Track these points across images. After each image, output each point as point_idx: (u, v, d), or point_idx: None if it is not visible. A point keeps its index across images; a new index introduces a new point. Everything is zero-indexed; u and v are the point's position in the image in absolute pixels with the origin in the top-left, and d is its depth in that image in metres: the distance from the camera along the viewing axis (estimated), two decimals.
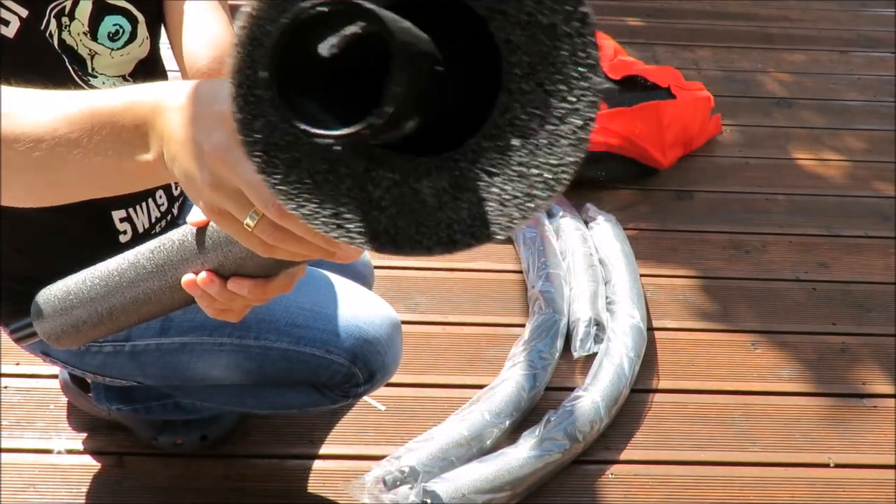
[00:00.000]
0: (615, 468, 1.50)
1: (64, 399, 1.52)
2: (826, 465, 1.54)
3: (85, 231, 1.12)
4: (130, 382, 1.27)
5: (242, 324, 1.18)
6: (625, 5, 3.40)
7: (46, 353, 1.22)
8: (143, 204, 1.20)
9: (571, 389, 1.57)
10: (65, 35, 1.03)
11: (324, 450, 1.47)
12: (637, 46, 2.96)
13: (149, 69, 1.20)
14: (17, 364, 1.59)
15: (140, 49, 1.15)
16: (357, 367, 1.21)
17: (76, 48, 1.04)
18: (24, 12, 0.96)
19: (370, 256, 1.67)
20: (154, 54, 1.19)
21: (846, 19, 3.48)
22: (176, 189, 1.24)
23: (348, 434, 1.45)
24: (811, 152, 2.53)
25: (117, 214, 1.17)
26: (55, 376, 1.56)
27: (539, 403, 1.59)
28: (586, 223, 2.05)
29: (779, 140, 2.58)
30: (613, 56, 2.71)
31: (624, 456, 1.52)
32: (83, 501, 1.38)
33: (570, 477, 1.47)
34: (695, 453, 1.55)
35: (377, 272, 1.83)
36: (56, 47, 1.02)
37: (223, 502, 1.39)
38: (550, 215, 2.06)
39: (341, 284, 1.27)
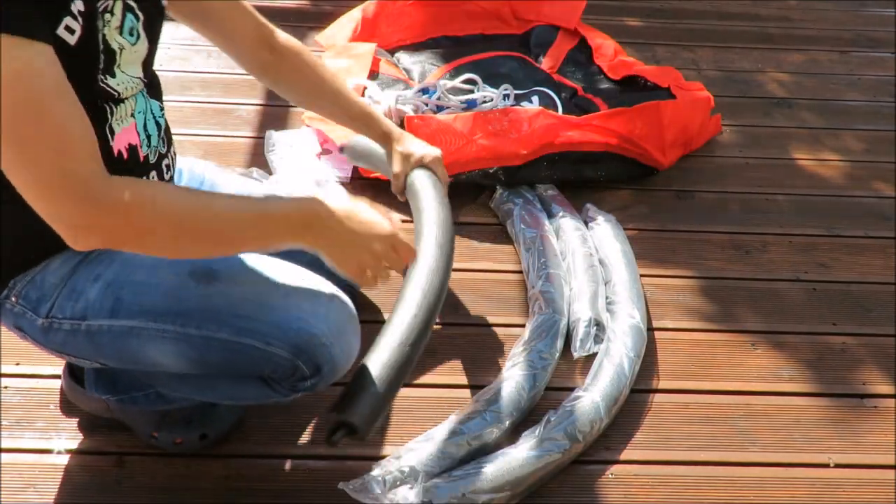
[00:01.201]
0: (615, 468, 1.50)
1: (64, 399, 1.52)
2: (826, 466, 1.54)
3: None
4: (93, 364, 1.28)
5: (186, 313, 1.20)
6: (625, 5, 3.40)
7: (19, 327, 1.26)
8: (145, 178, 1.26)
9: (571, 389, 1.57)
10: (105, 30, 1.11)
11: (323, 450, 1.47)
12: (637, 46, 2.96)
13: (148, 71, 1.25)
14: (17, 364, 1.59)
15: (142, 48, 1.20)
16: (301, 360, 1.19)
17: (110, 43, 1.12)
18: (81, 18, 1.04)
19: None
20: (150, 57, 1.24)
21: (846, 19, 3.49)
22: (167, 172, 1.31)
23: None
24: (811, 152, 2.53)
25: None
26: (55, 376, 1.56)
27: (539, 403, 1.59)
28: (586, 223, 2.05)
29: (779, 140, 2.58)
30: (613, 56, 2.71)
31: (624, 456, 1.52)
32: (83, 501, 1.38)
33: (570, 477, 1.47)
34: (695, 453, 1.55)
35: None
36: (99, 50, 1.10)
37: (223, 502, 1.39)
38: (551, 215, 2.06)
39: (295, 276, 1.25)
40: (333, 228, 1.16)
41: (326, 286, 1.26)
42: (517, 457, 1.40)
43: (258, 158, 2.27)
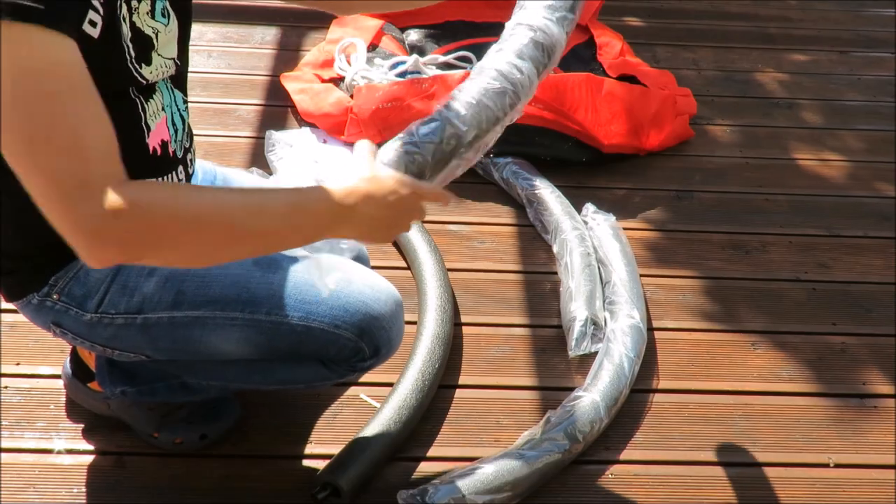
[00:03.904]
0: (615, 468, 1.50)
1: (64, 399, 1.52)
2: (826, 466, 1.54)
3: None
4: (139, 357, 1.28)
5: (254, 300, 1.23)
6: (625, 5, 3.40)
7: (57, 324, 1.24)
8: (169, 176, 1.25)
9: (571, 389, 1.57)
10: (135, 17, 1.08)
11: (324, 450, 1.47)
12: (637, 46, 2.96)
13: (184, 53, 1.25)
14: (18, 364, 1.59)
15: (174, 26, 1.19)
16: (364, 342, 1.25)
17: (143, 29, 1.09)
18: (102, 9, 0.98)
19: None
20: (184, 34, 1.23)
21: (846, 19, 3.48)
22: (190, 166, 1.31)
23: (348, 434, 1.45)
24: (811, 152, 2.53)
25: None
26: (56, 376, 1.56)
27: (539, 404, 1.59)
28: (585, 223, 2.04)
29: (779, 140, 2.58)
30: (618, 55, 2.71)
31: (624, 456, 1.52)
32: (83, 501, 1.38)
33: (570, 477, 1.47)
34: (695, 453, 1.55)
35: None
36: (123, 39, 1.05)
37: (223, 502, 1.39)
38: (546, 210, 2.06)
39: (346, 264, 1.32)
40: (361, 216, 1.06)
41: (375, 274, 1.33)
42: (518, 458, 1.40)
43: (258, 158, 2.27)
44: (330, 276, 1.28)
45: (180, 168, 1.28)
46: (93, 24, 0.96)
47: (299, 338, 1.24)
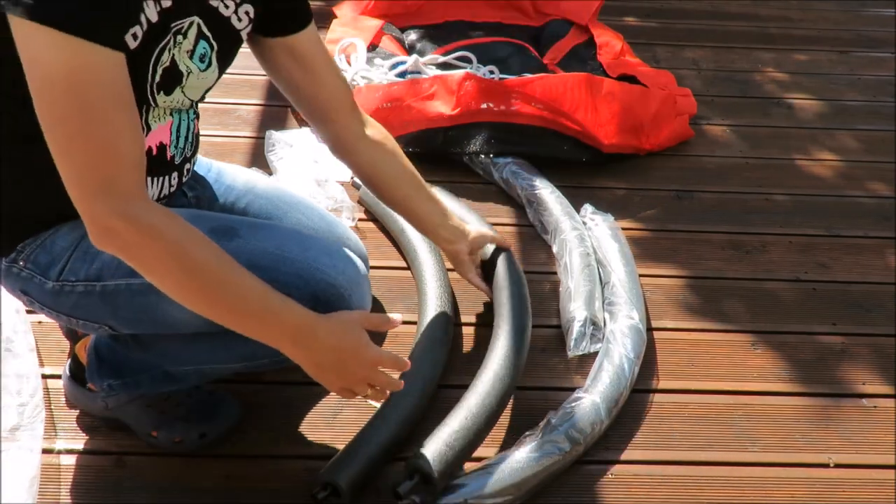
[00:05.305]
0: (616, 468, 1.50)
1: (63, 399, 1.52)
2: (826, 466, 1.54)
3: None
4: (102, 328, 1.29)
5: None
6: (625, 5, 3.40)
7: (25, 292, 1.27)
8: (161, 178, 1.29)
9: (572, 390, 1.57)
10: (175, 51, 1.17)
11: (323, 450, 1.47)
12: (637, 46, 2.96)
13: (203, 97, 1.33)
14: None
15: (212, 76, 1.28)
16: (319, 310, 1.23)
17: (178, 64, 1.19)
18: (146, 27, 1.09)
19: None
20: (213, 85, 1.31)
21: (846, 19, 3.49)
22: (186, 175, 1.36)
23: (348, 434, 1.45)
24: (811, 152, 2.53)
25: None
26: (55, 376, 1.56)
27: (539, 404, 1.59)
28: (584, 223, 2.04)
29: (779, 140, 2.59)
30: (618, 55, 2.72)
31: (624, 456, 1.52)
32: (83, 501, 1.38)
33: (570, 477, 1.46)
34: (695, 453, 1.55)
35: (380, 273, 1.83)
36: (155, 63, 1.15)
37: (223, 502, 1.39)
38: (545, 210, 2.06)
39: (311, 235, 1.33)
40: (319, 352, 1.20)
41: (339, 245, 1.35)
42: (518, 460, 1.39)
43: (258, 158, 2.27)
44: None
45: (174, 174, 1.31)
46: (134, 37, 1.08)
47: None
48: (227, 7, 1.24)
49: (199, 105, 1.36)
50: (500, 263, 1.74)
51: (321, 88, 1.42)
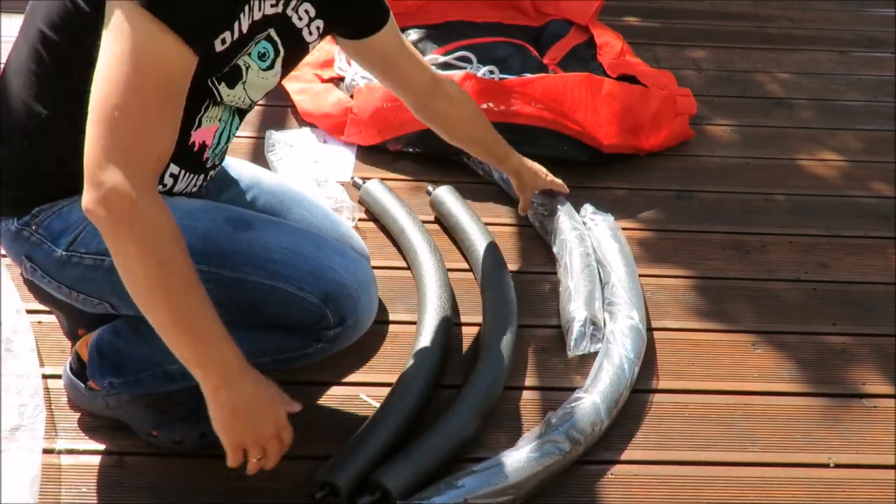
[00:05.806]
0: (616, 468, 1.50)
1: (64, 399, 1.52)
2: (826, 466, 1.54)
3: None
4: (102, 304, 1.30)
5: (220, 254, 1.25)
6: (625, 5, 3.40)
7: (30, 258, 1.28)
8: (192, 176, 1.32)
9: (572, 390, 1.57)
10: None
11: (323, 450, 1.47)
12: (637, 46, 2.96)
13: (259, 99, 1.36)
14: None
15: (273, 78, 1.31)
16: (328, 308, 1.25)
17: (238, 61, 1.23)
18: (237, 35, 1.16)
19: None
20: (274, 88, 1.36)
21: (846, 19, 3.49)
22: (207, 181, 1.40)
23: (347, 434, 1.45)
24: (811, 152, 2.53)
25: (172, 168, 1.29)
26: (55, 376, 1.56)
27: (539, 404, 1.59)
28: (584, 223, 2.04)
29: (779, 140, 2.58)
30: (618, 55, 2.71)
31: (624, 456, 1.52)
32: (83, 501, 1.38)
33: (570, 477, 1.46)
34: (695, 453, 1.55)
35: (380, 273, 1.83)
36: (231, 62, 1.20)
37: (223, 502, 1.39)
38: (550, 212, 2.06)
39: (324, 237, 1.35)
40: (241, 395, 1.16)
41: (351, 250, 1.36)
42: (518, 460, 1.39)
43: (258, 158, 2.27)
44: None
45: (201, 176, 1.35)
46: (223, 41, 1.15)
47: (262, 297, 1.25)
48: (300, 19, 1.30)
49: None
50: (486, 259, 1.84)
51: (401, 75, 1.61)
